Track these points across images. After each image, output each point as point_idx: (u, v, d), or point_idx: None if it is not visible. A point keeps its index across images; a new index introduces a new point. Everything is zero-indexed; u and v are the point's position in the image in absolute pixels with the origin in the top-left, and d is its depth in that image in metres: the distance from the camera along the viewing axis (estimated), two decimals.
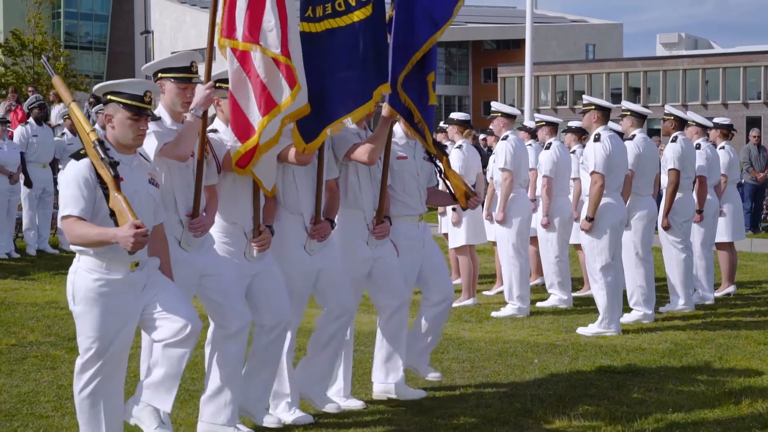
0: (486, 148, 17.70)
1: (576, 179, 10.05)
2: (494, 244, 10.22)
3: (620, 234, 8.73)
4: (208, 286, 5.20)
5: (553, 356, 7.57)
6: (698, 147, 10.12)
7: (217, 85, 5.28)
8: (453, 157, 9.77)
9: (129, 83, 4.72)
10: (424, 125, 5.97)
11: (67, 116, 13.47)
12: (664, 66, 64.37)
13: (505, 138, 9.71)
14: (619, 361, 7.37)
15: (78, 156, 4.58)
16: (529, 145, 10.71)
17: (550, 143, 10.38)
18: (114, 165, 4.46)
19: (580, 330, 8.58)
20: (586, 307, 9.69)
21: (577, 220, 9.43)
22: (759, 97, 61.21)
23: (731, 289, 10.84)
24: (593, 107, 8.74)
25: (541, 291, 10.57)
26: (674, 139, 9.70)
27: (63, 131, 13.70)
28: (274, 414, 5.66)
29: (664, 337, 8.35)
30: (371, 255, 6.01)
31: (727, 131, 11.24)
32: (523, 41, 29.73)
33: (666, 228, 9.70)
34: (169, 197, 5.06)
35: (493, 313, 9.47)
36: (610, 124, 8.94)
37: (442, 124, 12.33)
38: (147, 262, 4.71)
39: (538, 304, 9.96)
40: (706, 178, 10.14)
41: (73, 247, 4.61)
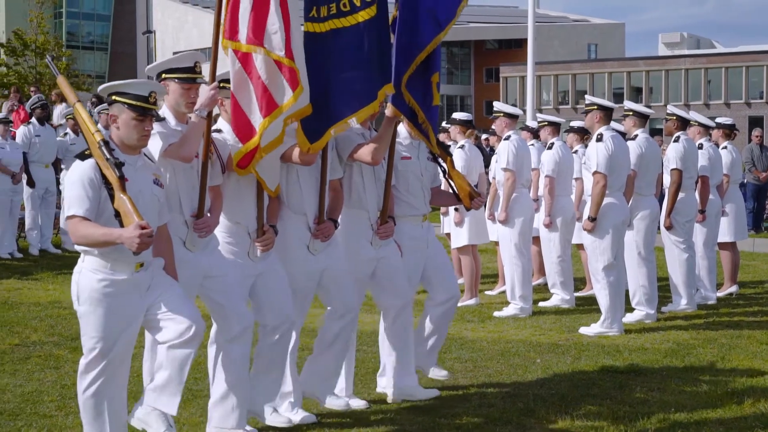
0: (488, 148, 17.69)
1: (578, 179, 10.04)
2: (496, 244, 10.21)
3: (622, 234, 8.73)
4: (212, 287, 5.20)
5: (555, 356, 7.58)
6: (701, 147, 10.11)
7: (221, 85, 5.28)
8: (455, 157, 9.74)
9: (134, 84, 4.72)
10: (428, 126, 5.96)
11: (70, 116, 13.47)
12: (667, 66, 64.34)
13: (508, 138, 9.70)
14: (621, 361, 7.37)
15: (83, 156, 4.58)
16: (532, 145, 10.70)
17: (553, 143, 10.38)
18: (119, 165, 4.45)
19: (583, 330, 8.59)
20: (588, 307, 9.69)
21: (579, 220, 9.43)
22: (761, 97, 61.16)
23: (733, 288, 10.83)
24: (595, 107, 8.74)
25: (543, 291, 10.57)
26: (677, 139, 9.70)
27: (65, 131, 13.69)
28: (281, 413, 5.66)
29: (667, 337, 8.35)
30: (375, 255, 6.01)
31: (729, 131, 11.24)
32: (525, 41, 29.79)
33: (668, 228, 9.70)
34: (174, 198, 5.06)
35: (496, 313, 9.48)
36: (613, 124, 8.93)
37: (444, 124, 12.32)
38: (152, 262, 4.71)
39: (541, 304, 9.96)
40: (708, 178, 10.13)
41: (78, 248, 4.62)
